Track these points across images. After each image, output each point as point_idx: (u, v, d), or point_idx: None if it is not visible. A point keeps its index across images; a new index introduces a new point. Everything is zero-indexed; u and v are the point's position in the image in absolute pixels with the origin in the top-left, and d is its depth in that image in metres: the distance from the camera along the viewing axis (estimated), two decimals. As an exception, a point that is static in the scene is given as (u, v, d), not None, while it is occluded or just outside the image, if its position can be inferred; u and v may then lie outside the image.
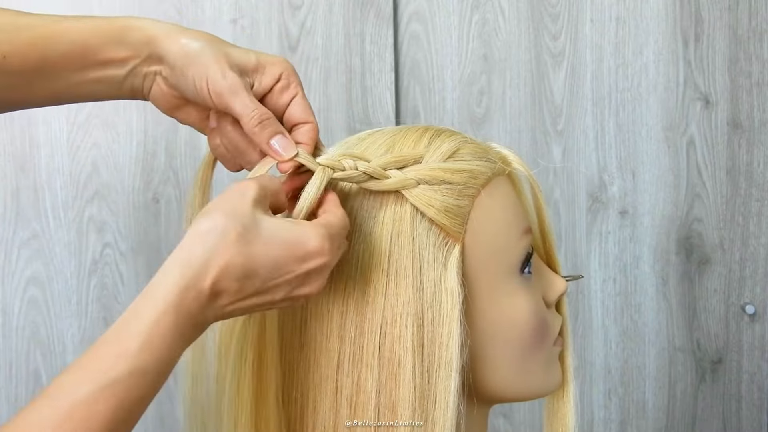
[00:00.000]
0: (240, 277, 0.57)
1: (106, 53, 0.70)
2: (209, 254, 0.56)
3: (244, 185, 0.60)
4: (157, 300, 0.55)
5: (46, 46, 0.69)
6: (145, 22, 0.70)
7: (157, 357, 0.54)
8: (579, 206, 1.36)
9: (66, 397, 0.52)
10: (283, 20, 1.29)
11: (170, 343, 0.54)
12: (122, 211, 1.27)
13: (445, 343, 0.65)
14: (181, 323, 0.55)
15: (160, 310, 0.54)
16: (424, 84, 1.32)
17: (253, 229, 0.58)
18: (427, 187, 0.66)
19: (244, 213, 0.58)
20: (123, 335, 0.54)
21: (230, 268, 0.56)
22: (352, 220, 0.67)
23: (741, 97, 1.34)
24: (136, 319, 0.54)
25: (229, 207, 0.58)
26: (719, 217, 1.36)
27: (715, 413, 1.40)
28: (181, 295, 0.55)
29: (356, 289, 0.66)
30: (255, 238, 0.58)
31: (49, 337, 1.26)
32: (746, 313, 1.38)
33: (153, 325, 0.54)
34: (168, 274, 0.56)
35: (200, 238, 0.56)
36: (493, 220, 0.68)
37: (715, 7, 1.33)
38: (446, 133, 0.70)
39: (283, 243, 0.59)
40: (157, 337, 0.54)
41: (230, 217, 0.57)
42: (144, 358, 0.53)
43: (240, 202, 0.58)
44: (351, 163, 0.65)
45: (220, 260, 0.56)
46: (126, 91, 0.72)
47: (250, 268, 0.57)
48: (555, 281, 0.74)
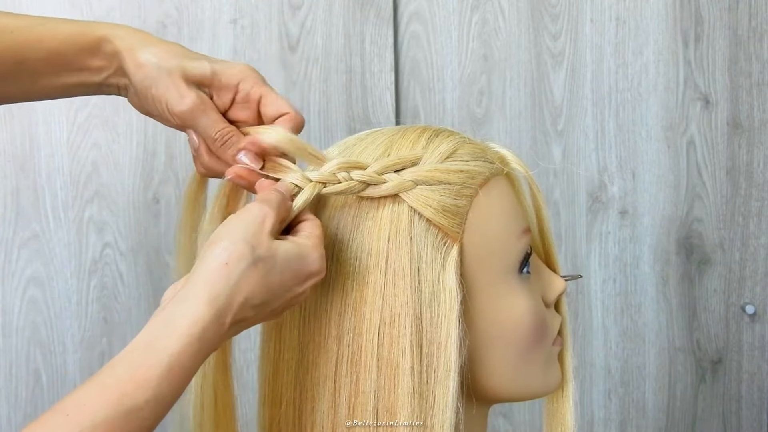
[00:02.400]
0: (256, 306, 0.59)
1: (81, 62, 0.71)
2: (234, 290, 0.57)
3: (263, 213, 0.60)
4: (181, 330, 0.55)
5: (22, 51, 0.70)
6: (118, 33, 0.71)
7: (176, 386, 0.55)
8: (579, 206, 1.36)
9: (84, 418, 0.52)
10: (283, 20, 1.29)
11: (189, 373, 0.56)
12: (122, 211, 1.27)
13: (443, 343, 0.65)
14: (201, 353, 0.56)
15: (184, 341, 0.55)
16: (424, 84, 1.32)
17: (271, 260, 0.59)
18: (425, 188, 0.66)
19: (263, 243, 0.59)
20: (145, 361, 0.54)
21: (250, 300, 0.58)
22: (350, 221, 0.67)
23: (741, 97, 1.34)
24: (158, 347, 0.55)
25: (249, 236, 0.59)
26: (719, 217, 1.36)
27: (715, 413, 1.40)
28: (206, 329, 0.56)
29: (354, 289, 0.66)
30: (272, 268, 0.59)
31: (49, 337, 1.26)
32: (746, 313, 1.38)
33: (175, 356, 0.54)
34: (193, 306, 0.56)
35: (225, 271, 0.57)
36: (491, 220, 0.68)
37: (715, 7, 1.33)
38: (444, 134, 0.70)
39: (292, 270, 0.60)
40: (178, 367, 0.54)
41: (251, 249, 0.58)
42: (163, 388, 0.54)
43: (259, 231, 0.59)
44: (345, 176, 0.65)
45: (242, 294, 0.57)
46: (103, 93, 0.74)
47: (266, 296, 0.59)
48: (554, 281, 0.74)
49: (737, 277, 1.38)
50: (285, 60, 1.29)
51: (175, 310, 0.56)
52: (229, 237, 0.58)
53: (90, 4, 1.25)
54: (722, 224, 1.36)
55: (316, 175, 0.65)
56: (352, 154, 0.69)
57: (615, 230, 1.36)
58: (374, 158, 0.68)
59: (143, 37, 0.71)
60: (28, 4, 1.25)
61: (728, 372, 1.39)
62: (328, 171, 0.65)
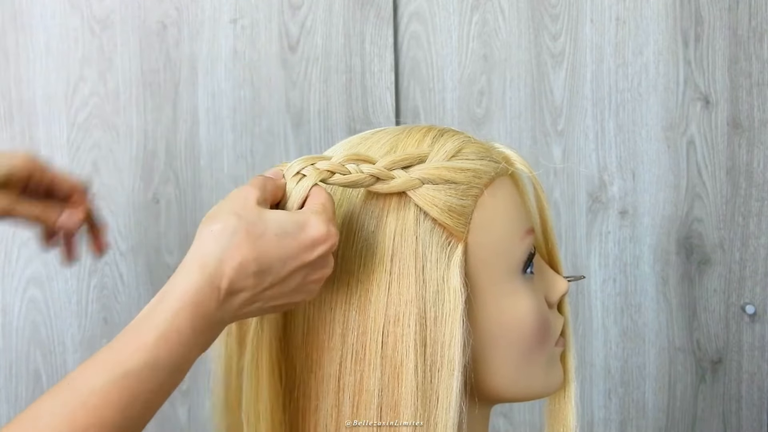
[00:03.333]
0: (256, 273, 0.59)
1: None
2: (223, 253, 0.58)
3: (245, 190, 0.62)
4: (174, 296, 0.57)
5: None
6: None
7: (172, 352, 0.56)
8: (579, 206, 1.36)
9: (82, 385, 0.54)
10: (283, 20, 1.29)
11: (185, 340, 0.56)
12: (122, 211, 1.27)
13: (447, 342, 0.65)
14: (197, 320, 0.57)
15: (177, 306, 0.56)
16: (424, 84, 1.32)
17: (260, 224, 0.60)
18: (431, 187, 0.66)
19: (249, 211, 0.60)
20: (141, 329, 0.56)
21: (245, 265, 0.58)
22: (355, 219, 0.67)
23: (741, 97, 1.34)
24: (153, 314, 0.56)
25: (235, 208, 0.60)
26: (719, 217, 1.36)
27: (715, 413, 1.40)
28: (198, 292, 0.57)
29: (359, 287, 0.66)
30: (263, 233, 0.59)
31: (49, 337, 1.26)
32: (746, 313, 1.38)
33: (170, 320, 0.56)
34: (185, 273, 0.58)
35: (213, 237, 0.59)
36: (496, 220, 0.68)
37: (715, 7, 1.33)
38: (449, 133, 0.70)
39: (289, 234, 0.61)
40: (173, 332, 0.56)
41: (238, 217, 0.59)
42: (159, 352, 0.55)
43: (244, 203, 0.60)
44: (354, 167, 0.65)
45: (234, 259, 0.58)
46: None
47: (264, 262, 0.59)
48: (557, 282, 0.74)
49: (737, 277, 1.38)
50: (285, 60, 1.29)
51: (170, 281, 0.58)
52: (217, 213, 0.60)
53: (90, 5, 1.25)
54: (722, 224, 1.37)
55: (325, 164, 0.65)
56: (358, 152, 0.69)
57: (615, 230, 1.36)
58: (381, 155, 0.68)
59: None
60: (27, 5, 1.25)
61: (728, 372, 1.39)
62: (337, 161, 0.65)
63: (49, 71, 1.25)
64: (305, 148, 1.29)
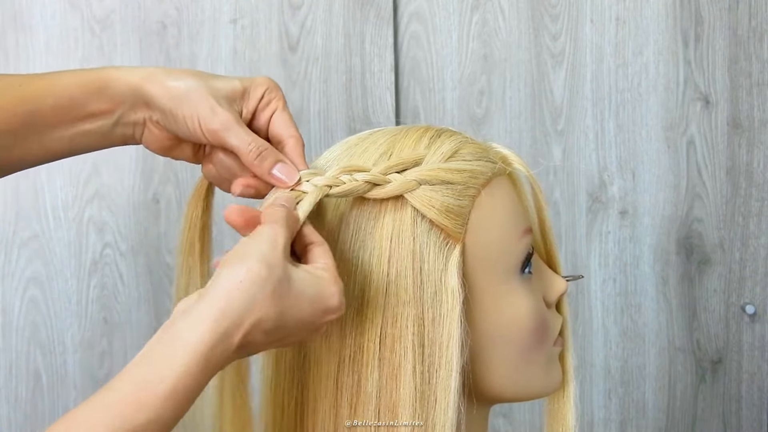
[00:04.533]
0: (269, 331, 0.57)
1: (91, 106, 0.70)
2: (247, 308, 0.55)
3: (275, 232, 0.59)
4: (187, 349, 0.53)
5: (33, 101, 0.69)
6: (124, 72, 0.70)
7: (178, 407, 0.53)
8: (579, 206, 1.36)
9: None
10: (283, 20, 1.29)
11: (193, 393, 0.54)
12: (122, 211, 1.27)
13: (445, 343, 0.65)
14: (206, 373, 0.54)
15: (189, 360, 0.53)
16: (424, 84, 1.32)
17: (286, 283, 0.57)
18: (428, 188, 0.66)
19: (278, 265, 0.57)
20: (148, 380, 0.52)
21: (262, 323, 0.56)
22: (353, 220, 0.67)
23: (741, 97, 1.34)
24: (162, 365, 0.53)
25: (263, 255, 0.57)
26: (719, 217, 1.36)
27: (715, 413, 1.40)
28: (212, 347, 0.54)
29: (357, 289, 0.66)
30: (287, 292, 0.57)
31: (49, 337, 1.26)
32: (746, 313, 1.38)
33: (180, 376, 0.53)
34: (201, 322, 0.54)
35: (240, 289, 0.55)
36: (493, 220, 0.68)
37: (715, 7, 1.33)
38: (447, 134, 0.70)
39: (309, 299, 0.58)
40: (182, 387, 0.53)
41: (266, 268, 0.56)
42: (166, 409, 0.52)
43: (273, 251, 0.57)
44: (349, 178, 0.65)
45: (255, 315, 0.55)
46: (117, 139, 0.73)
47: (280, 323, 0.57)
48: (555, 281, 0.74)
49: (737, 277, 1.38)
50: (285, 60, 1.29)
51: (183, 326, 0.54)
52: (245, 257, 0.57)
53: (90, 5, 1.25)
54: (722, 224, 1.36)
55: (321, 179, 0.65)
56: (354, 153, 0.69)
57: (615, 230, 1.36)
58: (377, 157, 0.68)
59: (156, 67, 0.71)
60: (27, 5, 1.25)
61: (728, 372, 1.39)
62: (332, 175, 0.65)
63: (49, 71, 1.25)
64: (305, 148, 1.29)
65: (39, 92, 0.69)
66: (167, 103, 0.68)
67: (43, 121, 0.69)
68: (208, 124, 0.67)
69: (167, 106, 0.68)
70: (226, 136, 0.67)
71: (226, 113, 0.67)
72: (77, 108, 0.70)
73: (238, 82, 0.69)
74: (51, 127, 0.70)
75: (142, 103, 0.70)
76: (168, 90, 0.68)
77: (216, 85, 0.68)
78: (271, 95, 0.70)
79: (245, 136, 0.67)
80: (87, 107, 0.70)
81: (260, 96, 0.70)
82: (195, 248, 0.73)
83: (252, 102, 0.70)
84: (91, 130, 0.71)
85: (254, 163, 0.66)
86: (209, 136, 0.67)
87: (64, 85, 0.70)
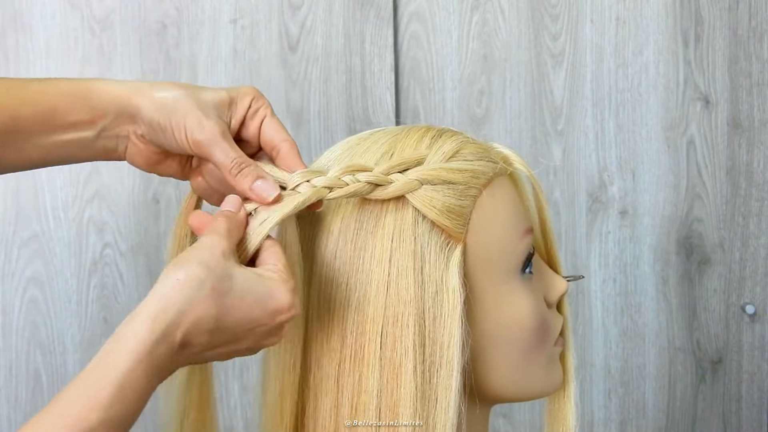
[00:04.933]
0: (211, 330, 0.57)
1: (73, 115, 0.70)
2: (185, 306, 0.56)
3: (212, 241, 0.60)
4: (129, 348, 0.54)
5: (15, 108, 0.69)
6: (109, 84, 0.70)
7: (128, 407, 0.54)
8: (579, 206, 1.36)
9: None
10: (283, 20, 1.29)
11: (141, 393, 0.55)
12: (122, 211, 1.27)
13: (446, 343, 0.65)
14: (151, 372, 0.55)
15: (133, 359, 0.54)
16: (424, 84, 1.32)
17: (227, 281, 0.58)
18: (429, 188, 0.66)
19: (217, 265, 0.58)
20: (96, 383, 0.53)
21: (202, 322, 0.57)
22: (354, 220, 0.67)
23: (741, 97, 1.34)
24: (108, 366, 0.54)
25: (202, 259, 0.58)
26: (719, 217, 1.36)
27: (715, 413, 1.40)
28: (153, 345, 0.55)
29: (358, 288, 0.66)
30: (228, 291, 0.58)
31: (49, 337, 1.26)
32: (746, 313, 1.38)
33: (125, 375, 0.54)
34: (141, 323, 0.55)
35: (178, 287, 0.56)
36: (494, 220, 0.68)
37: (715, 7, 1.33)
38: (448, 134, 0.70)
39: (255, 298, 0.59)
40: (129, 387, 0.54)
41: (204, 269, 0.57)
42: (115, 409, 0.53)
43: (211, 255, 0.58)
44: (351, 179, 0.65)
45: (194, 313, 0.56)
46: (98, 152, 0.72)
47: (222, 322, 0.58)
48: (556, 281, 0.74)
49: (737, 277, 1.38)
50: (285, 60, 1.29)
51: (125, 328, 0.56)
52: (184, 262, 0.58)
53: (90, 5, 1.25)
54: (722, 224, 1.36)
55: (322, 180, 0.65)
56: (355, 153, 0.69)
57: (615, 230, 1.36)
58: (378, 157, 0.68)
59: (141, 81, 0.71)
60: (27, 5, 1.25)
61: (728, 372, 1.39)
62: (333, 176, 0.65)
63: (49, 71, 1.25)
64: (305, 148, 1.29)
65: (22, 98, 0.69)
66: (155, 114, 0.68)
67: (24, 128, 0.69)
68: (194, 135, 0.67)
69: (155, 117, 0.68)
70: (210, 150, 0.67)
71: (213, 126, 0.67)
72: (58, 117, 0.70)
73: (225, 92, 0.70)
74: (30, 135, 0.70)
75: (127, 117, 0.70)
76: (155, 101, 0.68)
77: (203, 97, 0.69)
78: (258, 103, 0.71)
79: (229, 151, 0.67)
80: (68, 117, 0.70)
81: (248, 105, 0.70)
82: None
83: (240, 111, 0.70)
84: (72, 140, 0.71)
85: (236, 179, 0.66)
86: (194, 148, 0.68)
87: (48, 92, 0.70)
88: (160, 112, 0.68)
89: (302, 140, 1.29)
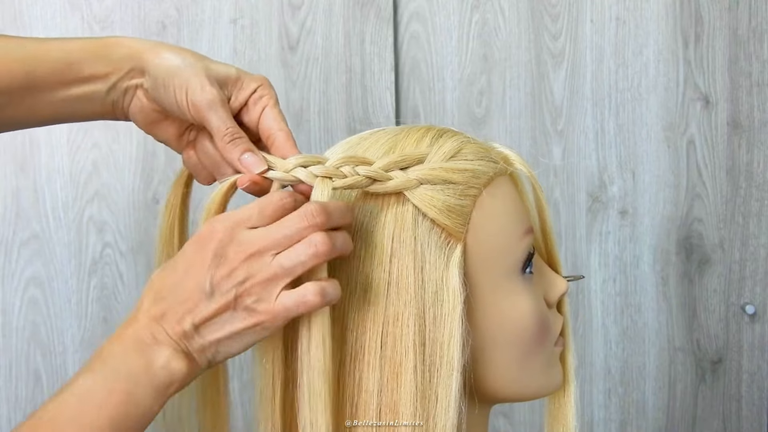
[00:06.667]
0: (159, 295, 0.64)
1: (89, 69, 0.71)
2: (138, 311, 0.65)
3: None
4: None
5: (32, 62, 0.70)
6: (128, 39, 0.72)
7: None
8: (579, 206, 1.36)
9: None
10: (283, 20, 1.29)
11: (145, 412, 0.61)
12: (122, 211, 1.27)
13: (446, 342, 0.65)
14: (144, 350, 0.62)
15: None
16: (424, 84, 1.32)
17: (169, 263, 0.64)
18: (429, 187, 0.66)
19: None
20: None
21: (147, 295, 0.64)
22: (353, 219, 0.67)
23: (741, 97, 1.34)
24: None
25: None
26: (719, 217, 1.36)
27: (715, 413, 1.40)
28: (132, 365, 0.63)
29: (358, 288, 0.66)
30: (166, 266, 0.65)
31: (49, 337, 1.26)
32: (746, 313, 1.38)
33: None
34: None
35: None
36: (494, 219, 0.68)
37: (715, 7, 1.33)
38: (448, 133, 0.70)
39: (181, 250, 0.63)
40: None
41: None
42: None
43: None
44: (350, 170, 0.65)
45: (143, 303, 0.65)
46: (108, 107, 0.73)
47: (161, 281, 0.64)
48: (556, 281, 0.74)
49: (737, 277, 1.38)
50: (285, 60, 1.29)
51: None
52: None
53: (90, 4, 1.25)
54: (722, 224, 1.36)
55: (320, 169, 0.65)
56: (356, 152, 0.69)
57: (615, 230, 1.36)
58: (379, 156, 0.68)
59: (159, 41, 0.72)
60: (27, 5, 1.25)
61: (728, 372, 1.39)
62: (332, 165, 0.65)
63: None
64: (305, 148, 1.29)
65: (39, 54, 0.71)
66: (161, 70, 0.69)
67: (40, 82, 0.71)
68: (194, 97, 0.68)
69: (161, 75, 0.69)
70: (207, 114, 0.68)
71: (214, 92, 0.68)
72: (75, 70, 0.71)
73: (234, 70, 0.71)
74: (46, 88, 0.71)
75: (138, 70, 0.71)
76: (165, 60, 0.70)
77: (212, 67, 0.70)
78: (264, 91, 0.72)
79: (226, 119, 0.68)
80: (85, 70, 0.71)
81: (253, 89, 0.71)
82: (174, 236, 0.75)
83: (244, 93, 0.71)
84: (84, 94, 0.72)
85: (226, 146, 0.68)
86: (192, 111, 0.68)
87: (65, 48, 0.71)
88: (167, 70, 0.69)
89: (302, 140, 1.29)
